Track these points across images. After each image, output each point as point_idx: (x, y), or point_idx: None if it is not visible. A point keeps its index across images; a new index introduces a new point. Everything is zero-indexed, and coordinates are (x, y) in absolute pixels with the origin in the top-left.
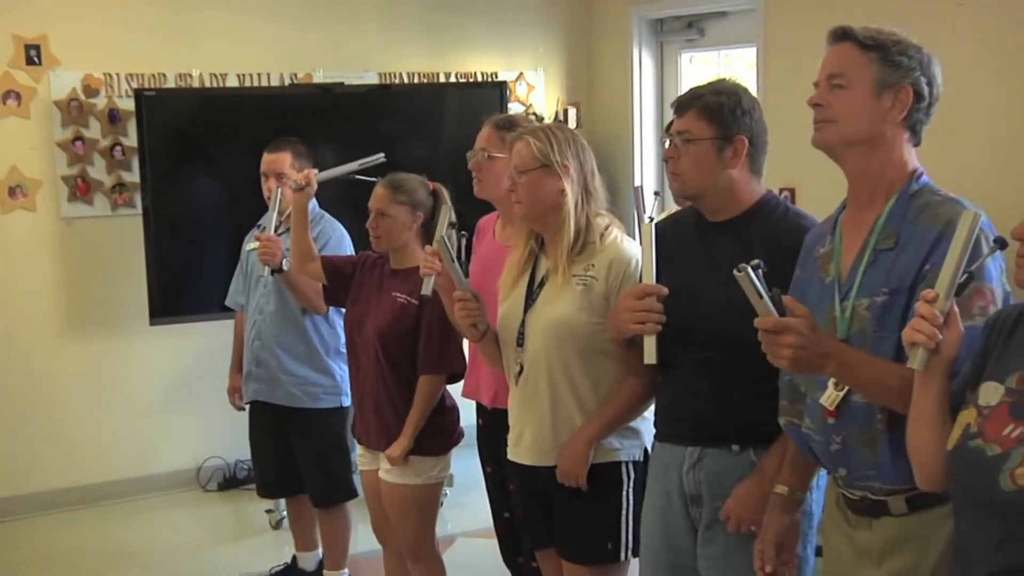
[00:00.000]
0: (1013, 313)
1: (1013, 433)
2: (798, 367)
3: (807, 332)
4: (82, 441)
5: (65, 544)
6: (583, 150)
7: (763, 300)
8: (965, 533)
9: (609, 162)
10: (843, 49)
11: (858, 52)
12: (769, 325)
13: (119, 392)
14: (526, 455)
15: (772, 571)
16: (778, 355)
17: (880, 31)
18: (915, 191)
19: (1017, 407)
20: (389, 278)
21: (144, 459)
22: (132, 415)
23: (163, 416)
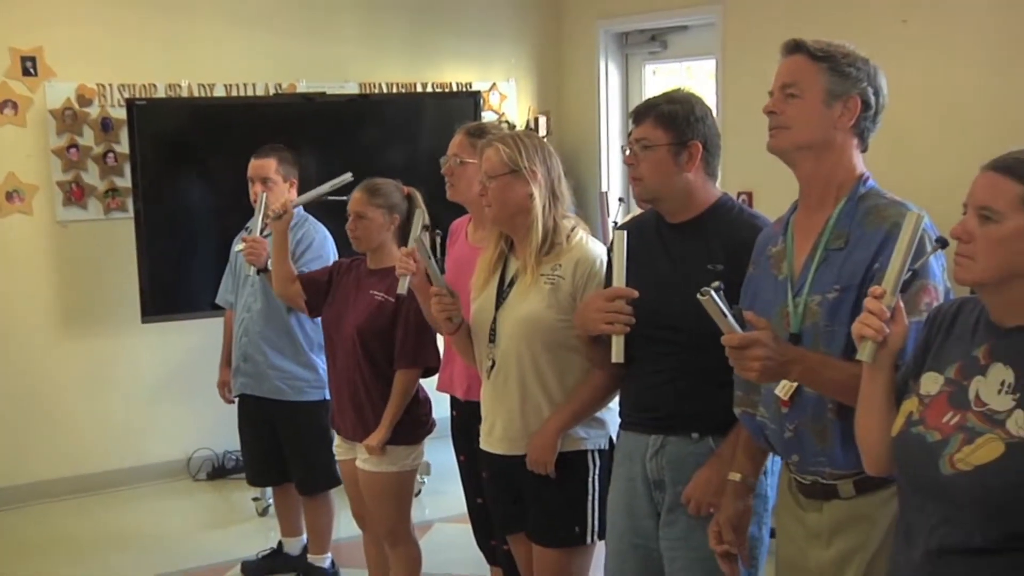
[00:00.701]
0: (952, 308)
1: (951, 421)
2: (766, 377)
3: (772, 344)
4: (77, 433)
5: (61, 531)
6: (550, 156)
7: (727, 319)
8: (907, 514)
9: (577, 168)
10: (796, 60)
11: (810, 63)
12: (736, 342)
13: (112, 387)
14: (498, 445)
15: (727, 550)
16: (747, 368)
17: (830, 44)
18: (863, 194)
19: (955, 396)
20: (366, 277)
21: (137, 450)
22: (125, 409)
23: (154, 409)
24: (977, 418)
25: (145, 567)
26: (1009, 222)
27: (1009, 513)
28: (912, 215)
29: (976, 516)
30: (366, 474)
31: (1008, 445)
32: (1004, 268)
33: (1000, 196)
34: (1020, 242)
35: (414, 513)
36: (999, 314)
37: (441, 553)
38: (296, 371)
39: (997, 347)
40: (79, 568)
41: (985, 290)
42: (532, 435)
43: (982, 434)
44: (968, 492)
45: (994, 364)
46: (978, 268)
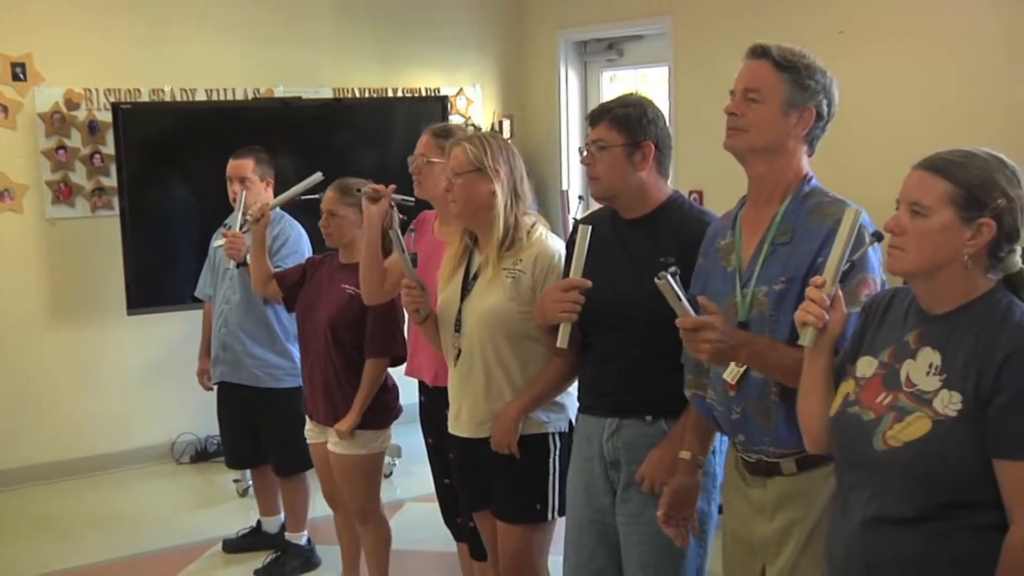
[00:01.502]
0: (886, 297)
1: (884, 401)
2: (716, 358)
3: (722, 327)
4: (66, 420)
5: (51, 512)
6: (513, 156)
7: (682, 303)
8: (844, 488)
9: (539, 168)
10: (760, 66)
11: (773, 72)
12: (689, 324)
13: (99, 376)
14: (464, 428)
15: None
16: (699, 349)
17: (793, 52)
18: (807, 192)
19: (888, 378)
20: (338, 271)
21: (123, 435)
22: (111, 396)
23: (139, 396)
24: (907, 398)
25: (131, 546)
26: (937, 217)
27: (935, 484)
28: (850, 211)
29: (906, 488)
30: (337, 456)
31: (935, 422)
32: (932, 259)
33: (929, 193)
34: (946, 235)
35: (385, 494)
36: (928, 302)
37: (411, 531)
38: (273, 360)
39: (926, 332)
40: (69, 547)
41: (916, 280)
42: (496, 419)
43: (912, 412)
44: (899, 466)
45: (923, 348)
46: (909, 259)
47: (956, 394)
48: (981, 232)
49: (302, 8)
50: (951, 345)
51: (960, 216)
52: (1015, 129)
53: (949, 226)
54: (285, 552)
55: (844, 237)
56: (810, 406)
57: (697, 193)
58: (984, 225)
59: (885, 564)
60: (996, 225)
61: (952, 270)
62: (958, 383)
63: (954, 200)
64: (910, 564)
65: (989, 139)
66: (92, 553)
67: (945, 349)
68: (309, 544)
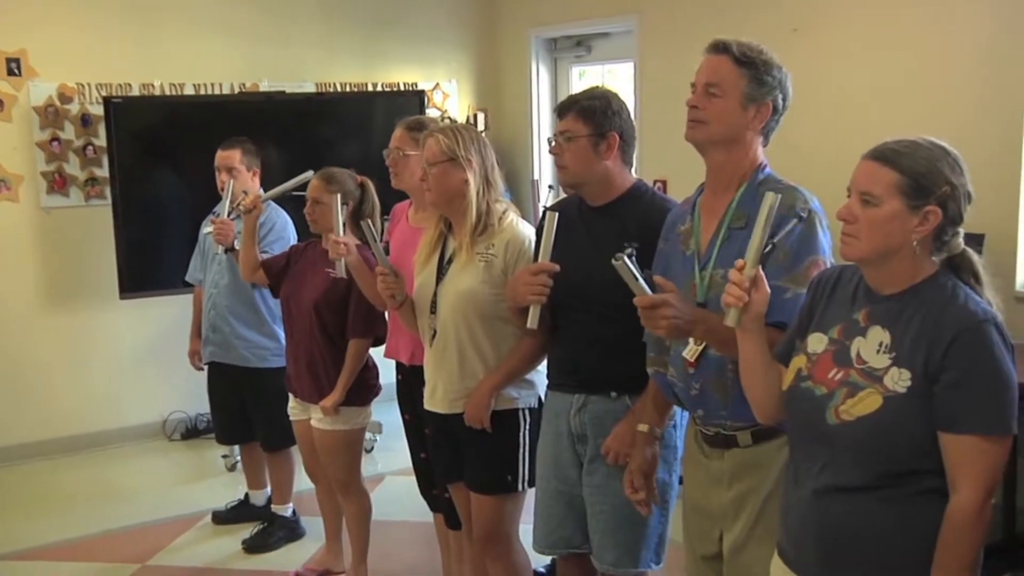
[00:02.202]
0: (833, 274)
1: (836, 376)
2: (673, 334)
3: (678, 304)
4: (62, 399)
5: (49, 487)
6: (485, 147)
7: (639, 282)
8: (796, 459)
9: (512, 159)
10: (721, 61)
11: (733, 67)
12: (647, 303)
13: (94, 357)
14: (439, 404)
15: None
16: (656, 326)
17: (752, 48)
18: (761, 180)
19: (839, 354)
20: (321, 256)
21: (116, 414)
22: (105, 376)
23: (132, 377)
24: (859, 374)
25: (125, 518)
26: (886, 206)
27: (883, 456)
28: (768, 196)
29: (856, 459)
30: (321, 432)
31: (885, 398)
32: (883, 246)
33: (878, 183)
34: (895, 223)
35: (366, 468)
36: (877, 283)
37: (391, 502)
38: (260, 341)
39: (875, 312)
40: (66, 520)
41: (867, 265)
42: (469, 395)
43: (863, 388)
44: (850, 439)
45: (873, 327)
46: (862, 246)
47: (905, 371)
48: (928, 219)
49: (286, 6)
50: (900, 325)
51: (908, 204)
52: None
53: (898, 214)
54: (272, 523)
55: (763, 221)
56: (752, 382)
57: (661, 182)
58: (931, 212)
59: (836, 530)
60: (941, 212)
61: (901, 255)
62: (907, 361)
63: (902, 189)
64: (860, 529)
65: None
66: (88, 525)
67: (894, 328)
68: (294, 516)
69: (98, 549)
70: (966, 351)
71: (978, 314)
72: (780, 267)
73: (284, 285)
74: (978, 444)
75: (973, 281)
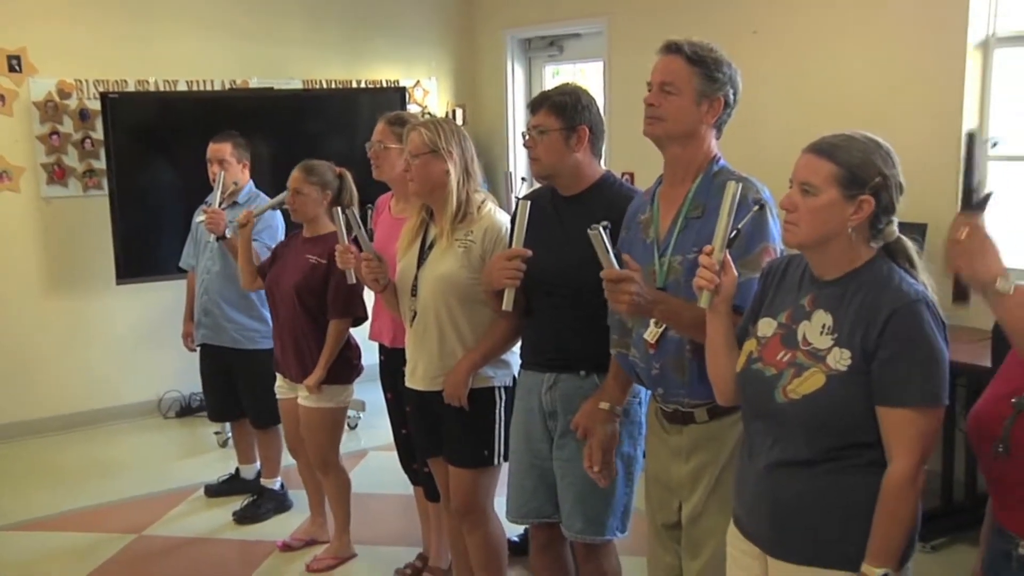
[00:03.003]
0: (782, 264)
1: (784, 358)
2: (634, 311)
3: (642, 283)
4: (63, 379)
5: (50, 463)
6: (464, 139)
7: (609, 255)
8: (749, 435)
9: (488, 152)
10: (674, 61)
11: (686, 66)
12: (613, 276)
13: (93, 339)
14: (420, 383)
15: (599, 468)
16: (619, 300)
17: (703, 47)
18: (716, 172)
19: (786, 338)
20: (302, 243)
21: (114, 393)
22: (103, 358)
23: (129, 358)
24: (804, 355)
25: (123, 492)
26: (824, 195)
27: (829, 431)
28: (731, 185)
29: (804, 435)
30: (306, 409)
31: (828, 377)
32: (821, 233)
33: (817, 174)
34: (832, 211)
35: (351, 444)
36: (819, 270)
37: (374, 476)
38: (249, 324)
39: (819, 297)
40: (67, 493)
41: (808, 250)
42: (448, 374)
43: (808, 368)
44: (798, 416)
45: (817, 311)
46: (802, 233)
47: (846, 351)
48: (862, 208)
49: (275, 7)
50: (841, 308)
51: (844, 194)
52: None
53: (835, 203)
54: (261, 496)
55: (726, 209)
56: (716, 363)
57: (629, 174)
58: (864, 201)
59: (787, 500)
60: (875, 201)
61: (839, 241)
62: (847, 341)
63: (838, 180)
64: (809, 499)
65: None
66: (87, 498)
67: (836, 311)
68: (282, 489)
69: (97, 520)
70: (899, 329)
71: (910, 294)
72: (734, 253)
73: (270, 273)
74: (911, 416)
75: (908, 265)
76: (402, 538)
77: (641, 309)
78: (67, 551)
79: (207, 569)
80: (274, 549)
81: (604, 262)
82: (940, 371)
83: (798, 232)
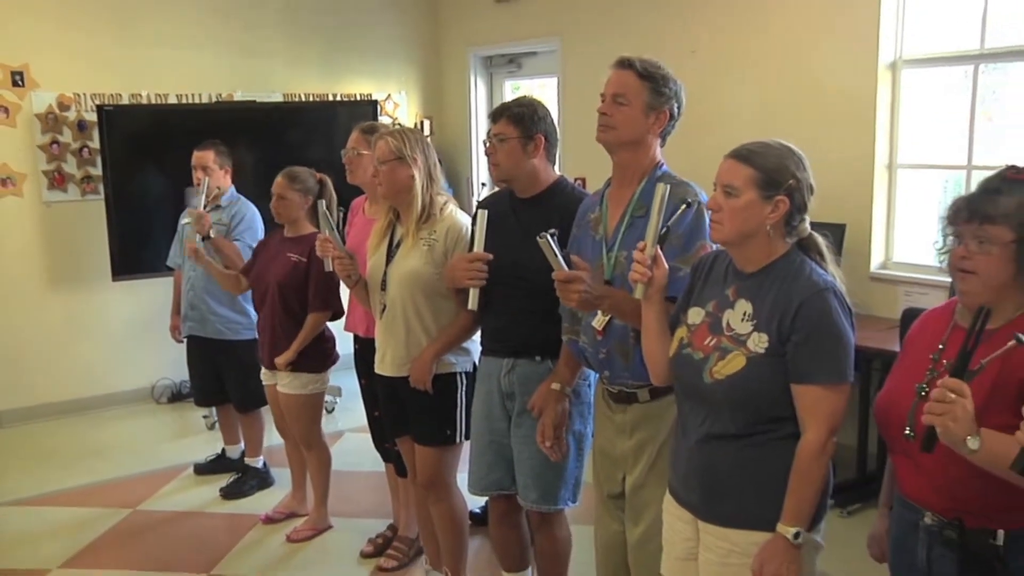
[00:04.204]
0: (710, 259)
1: (710, 343)
2: (583, 306)
3: (589, 281)
4: (63, 368)
5: (51, 444)
6: (428, 147)
7: (558, 259)
8: (683, 413)
9: (453, 160)
10: (627, 75)
11: (637, 80)
12: (563, 276)
13: (90, 332)
14: (388, 369)
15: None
16: (569, 298)
17: (652, 64)
18: (659, 176)
19: (713, 325)
20: (284, 243)
21: (110, 380)
22: (100, 348)
23: (124, 348)
24: (728, 340)
25: (119, 470)
26: (744, 196)
27: (750, 408)
28: (659, 187)
29: (728, 412)
30: (285, 396)
31: (748, 359)
32: (742, 230)
33: (737, 177)
34: (752, 211)
35: (329, 426)
36: (741, 263)
37: (349, 455)
38: (233, 317)
39: (741, 287)
40: (67, 472)
41: (731, 246)
42: (414, 361)
43: (731, 352)
44: (723, 395)
45: (739, 300)
46: (726, 230)
47: (764, 335)
48: (778, 207)
49: (258, 27)
50: (759, 297)
51: (761, 195)
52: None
53: (753, 203)
54: (245, 473)
55: (656, 209)
56: (650, 348)
57: (581, 179)
58: (780, 201)
59: (716, 471)
60: (789, 201)
61: (758, 238)
62: (765, 327)
63: (756, 182)
64: (735, 469)
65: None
66: (86, 476)
67: (755, 300)
68: (265, 467)
69: (96, 496)
70: (810, 315)
71: (819, 283)
72: (674, 250)
73: (253, 271)
74: (821, 392)
75: (819, 258)
76: (374, 510)
77: (589, 304)
78: (69, 524)
79: (196, 540)
80: (257, 522)
81: (554, 265)
82: (846, 352)
83: (722, 230)
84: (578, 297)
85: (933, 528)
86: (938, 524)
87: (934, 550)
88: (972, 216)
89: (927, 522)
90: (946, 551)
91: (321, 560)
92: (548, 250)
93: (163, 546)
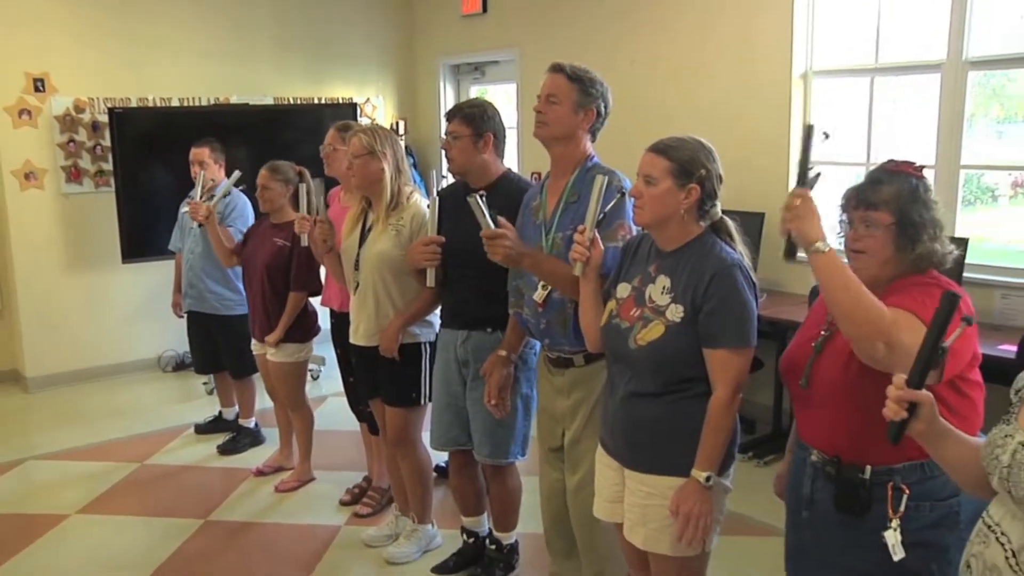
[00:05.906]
0: (637, 239)
1: (635, 314)
2: (508, 261)
3: (513, 238)
4: (80, 340)
5: (70, 407)
6: (396, 143)
7: (486, 218)
8: (612, 375)
9: (424, 156)
10: (558, 78)
11: (567, 82)
12: (490, 234)
13: (104, 308)
14: (361, 339)
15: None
16: (495, 252)
17: (580, 68)
18: (590, 167)
19: (638, 298)
20: (270, 229)
21: (122, 351)
22: (113, 323)
23: (133, 323)
24: (649, 311)
25: (129, 430)
26: (661, 184)
27: (668, 370)
28: (599, 178)
29: (649, 373)
30: (273, 364)
31: (667, 327)
32: (660, 214)
33: (655, 167)
34: (668, 198)
35: (313, 391)
36: (661, 243)
37: (331, 416)
38: (227, 294)
39: (661, 265)
40: (84, 431)
41: (652, 229)
42: (383, 332)
43: (652, 321)
44: (645, 359)
45: (659, 275)
46: (646, 215)
47: (680, 306)
48: (691, 194)
49: (251, 37)
50: (676, 272)
51: (676, 183)
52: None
53: (669, 191)
54: (239, 433)
55: (595, 196)
56: (586, 318)
57: (538, 173)
58: (692, 189)
59: (639, 425)
60: (700, 188)
61: (674, 221)
62: (681, 298)
63: (672, 172)
64: (656, 423)
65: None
66: (101, 434)
67: (673, 275)
68: (256, 427)
69: (109, 452)
70: (718, 287)
71: (727, 260)
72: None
73: (244, 254)
74: (728, 355)
75: (729, 239)
76: (351, 464)
77: (513, 259)
78: (85, 476)
79: (196, 490)
80: (250, 475)
81: (483, 223)
82: (750, 321)
83: (643, 214)
84: (503, 252)
85: (817, 464)
86: (821, 461)
87: (817, 482)
88: (859, 203)
89: (813, 459)
90: (826, 483)
91: (305, 507)
92: (477, 209)
93: (167, 495)
